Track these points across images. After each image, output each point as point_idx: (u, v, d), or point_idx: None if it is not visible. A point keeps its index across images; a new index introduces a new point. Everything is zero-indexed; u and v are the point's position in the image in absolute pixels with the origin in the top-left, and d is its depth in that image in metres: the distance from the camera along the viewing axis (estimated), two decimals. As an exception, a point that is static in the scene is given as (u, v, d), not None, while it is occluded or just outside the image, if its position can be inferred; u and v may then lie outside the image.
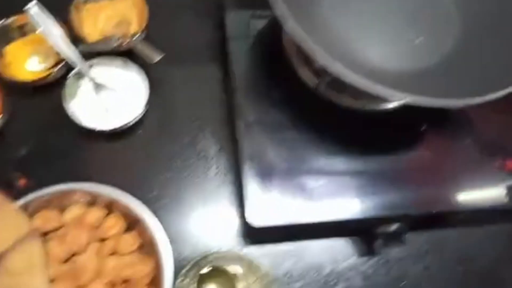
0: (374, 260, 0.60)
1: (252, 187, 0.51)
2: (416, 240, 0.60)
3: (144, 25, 0.63)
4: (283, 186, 0.51)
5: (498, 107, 0.58)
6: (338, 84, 0.55)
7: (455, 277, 0.60)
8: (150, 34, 0.64)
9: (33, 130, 0.60)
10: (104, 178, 0.55)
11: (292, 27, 0.44)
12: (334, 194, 0.51)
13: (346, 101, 0.55)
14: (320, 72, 0.54)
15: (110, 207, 0.54)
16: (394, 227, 0.54)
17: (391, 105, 0.56)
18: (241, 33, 0.61)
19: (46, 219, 0.51)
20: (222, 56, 0.65)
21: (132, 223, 0.54)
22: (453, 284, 0.60)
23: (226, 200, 0.60)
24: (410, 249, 0.60)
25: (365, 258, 0.60)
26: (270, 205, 0.50)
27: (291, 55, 0.57)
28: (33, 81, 0.59)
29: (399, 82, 0.45)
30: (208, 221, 0.59)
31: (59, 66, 0.59)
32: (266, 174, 0.52)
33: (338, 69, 0.43)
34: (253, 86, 0.57)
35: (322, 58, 0.43)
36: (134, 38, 0.61)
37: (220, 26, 0.65)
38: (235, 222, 0.59)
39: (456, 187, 0.56)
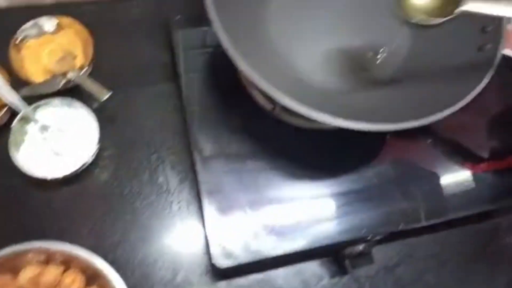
0: (345, 279, 0.59)
1: (214, 225, 0.49)
2: (385, 253, 0.60)
3: (90, 56, 0.61)
4: (246, 220, 0.50)
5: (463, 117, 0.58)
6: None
7: (427, 284, 0.61)
8: (98, 64, 0.61)
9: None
10: (59, 229, 0.53)
11: (232, 55, 0.42)
12: (298, 222, 0.50)
13: (304, 123, 0.54)
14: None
15: (68, 262, 0.52)
16: (360, 247, 0.54)
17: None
18: (192, 60, 0.58)
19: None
20: (177, 83, 0.63)
21: (92, 277, 0.52)
22: (427, 291, 0.61)
23: (191, 235, 0.59)
24: (380, 263, 0.60)
25: (337, 278, 0.59)
26: (235, 242, 0.49)
27: (245, 79, 0.55)
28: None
29: (343, 105, 0.45)
30: (175, 259, 0.58)
31: (1, 113, 0.56)
32: (227, 209, 0.51)
33: (277, 96, 0.41)
34: (208, 115, 0.55)
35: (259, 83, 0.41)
36: (81, 74, 0.58)
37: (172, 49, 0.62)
38: (202, 258, 0.58)
39: (423, 199, 0.55)
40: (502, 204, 0.60)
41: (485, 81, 0.46)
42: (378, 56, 0.55)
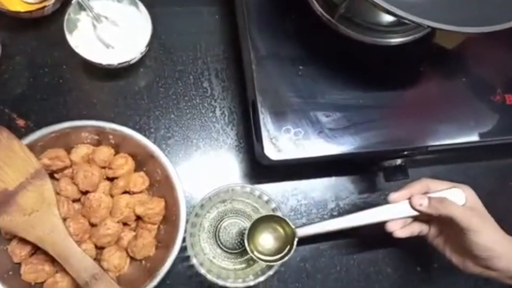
0: (374, 196, 0.62)
1: (267, 121, 0.51)
2: (414, 176, 0.63)
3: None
4: (297, 120, 0.51)
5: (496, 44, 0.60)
6: (351, 17, 0.55)
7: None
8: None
9: (29, 67, 0.58)
10: (105, 118, 0.53)
11: None
12: (346, 128, 0.52)
13: (357, 35, 0.55)
14: (334, 4, 0.54)
15: (117, 147, 0.53)
16: (399, 161, 0.56)
17: (399, 39, 0.56)
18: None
19: (54, 157, 0.50)
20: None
21: (140, 164, 0.53)
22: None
23: (231, 140, 0.60)
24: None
25: (365, 195, 0.62)
26: (285, 139, 0.50)
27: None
28: (28, 12, 0.55)
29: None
30: (214, 160, 0.59)
31: (55, -2, 0.56)
32: (280, 108, 0.52)
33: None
34: (265, 19, 0.55)
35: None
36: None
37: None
38: (240, 162, 0.60)
39: (455, 122, 0.57)
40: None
41: None
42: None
